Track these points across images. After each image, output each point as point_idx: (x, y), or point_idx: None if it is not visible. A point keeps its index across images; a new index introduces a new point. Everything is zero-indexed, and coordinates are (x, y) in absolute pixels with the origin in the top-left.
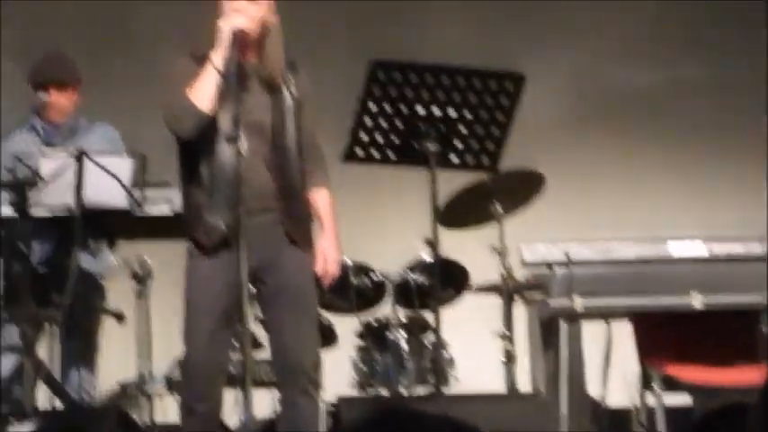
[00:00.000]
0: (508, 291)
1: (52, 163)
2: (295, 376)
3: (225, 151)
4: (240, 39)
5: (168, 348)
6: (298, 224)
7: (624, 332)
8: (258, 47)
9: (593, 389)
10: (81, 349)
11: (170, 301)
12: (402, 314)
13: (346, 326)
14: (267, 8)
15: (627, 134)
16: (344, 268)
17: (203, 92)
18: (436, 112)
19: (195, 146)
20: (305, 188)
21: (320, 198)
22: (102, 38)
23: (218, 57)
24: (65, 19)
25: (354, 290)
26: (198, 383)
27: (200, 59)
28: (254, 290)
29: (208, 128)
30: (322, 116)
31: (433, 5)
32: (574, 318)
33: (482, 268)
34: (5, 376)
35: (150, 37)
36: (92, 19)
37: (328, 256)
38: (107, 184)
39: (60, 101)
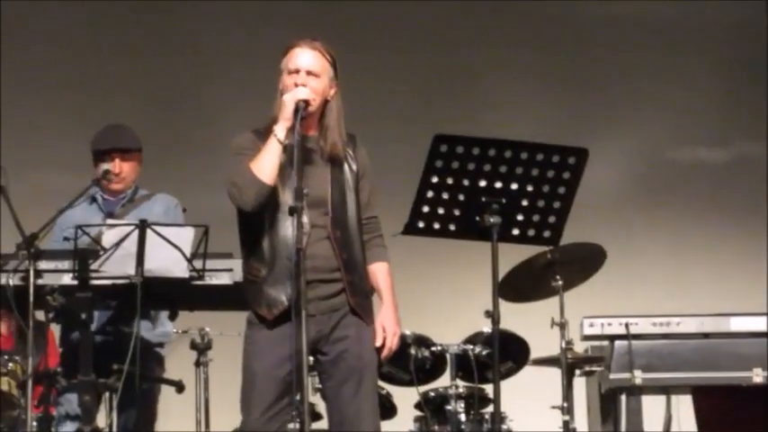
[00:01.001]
0: (568, 364)
1: (114, 232)
2: None
3: (286, 224)
4: (303, 111)
5: (227, 418)
6: (358, 296)
7: (685, 406)
8: (319, 121)
9: None
10: (139, 418)
11: (229, 370)
12: (461, 386)
13: (405, 397)
14: (328, 82)
15: (690, 210)
16: (404, 340)
17: (266, 164)
18: (498, 185)
19: (257, 219)
20: (365, 261)
21: (379, 271)
22: (169, 108)
23: (282, 129)
24: (131, 90)
25: (414, 361)
26: None
27: (262, 134)
28: (313, 360)
29: (269, 201)
30: (384, 189)
31: (501, 81)
32: (633, 391)
33: (542, 341)
34: None
35: (216, 108)
36: (158, 91)
37: (388, 330)
38: (168, 254)
39: (123, 169)
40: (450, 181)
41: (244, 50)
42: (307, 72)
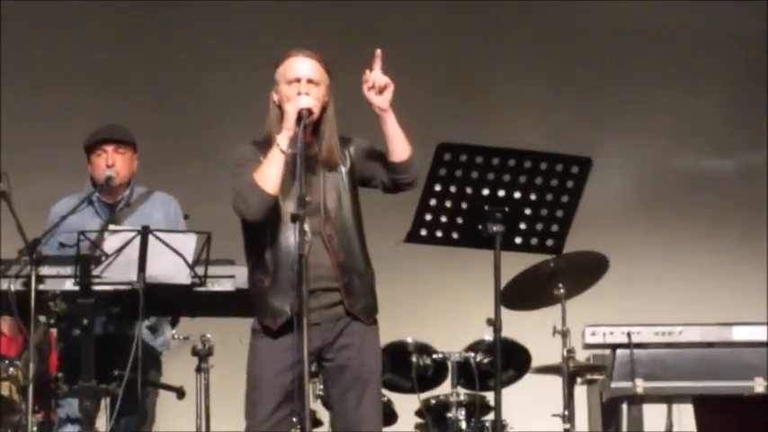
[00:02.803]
0: (569, 372)
1: (116, 238)
2: None
3: (288, 234)
4: (305, 120)
5: (227, 424)
6: (357, 298)
7: (686, 415)
8: (315, 128)
9: None
10: (138, 423)
11: (230, 377)
12: (462, 394)
13: (406, 404)
14: (325, 90)
15: (693, 220)
16: (406, 347)
17: (270, 175)
18: (501, 193)
19: (260, 230)
20: (365, 260)
21: None
22: (171, 115)
23: (285, 139)
24: (133, 96)
25: (415, 369)
26: None
27: (262, 145)
28: (317, 367)
29: (272, 211)
30: (387, 197)
31: (504, 90)
32: (635, 400)
33: (544, 349)
34: None
35: (217, 115)
36: (161, 97)
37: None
38: (170, 261)
39: (116, 162)
40: (453, 189)
41: (247, 55)
42: (307, 80)
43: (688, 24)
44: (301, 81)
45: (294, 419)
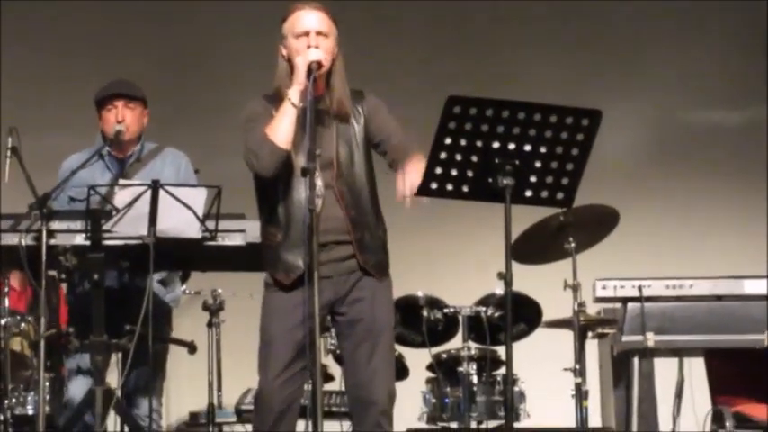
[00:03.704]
0: (580, 326)
1: (126, 193)
2: (368, 409)
3: (300, 188)
4: (315, 73)
5: (238, 379)
6: (370, 253)
7: (697, 368)
8: (326, 81)
9: (664, 425)
10: (150, 377)
11: (241, 332)
12: (473, 348)
13: (417, 359)
14: (334, 42)
15: (702, 173)
16: (417, 301)
17: (282, 129)
18: (511, 146)
19: (272, 185)
20: (377, 216)
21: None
22: (181, 71)
23: (296, 93)
24: (143, 53)
25: (426, 323)
26: (272, 414)
27: (273, 99)
28: (330, 320)
29: (284, 165)
30: None
31: (517, 45)
32: (646, 354)
33: (555, 303)
34: (76, 400)
35: (226, 71)
36: (170, 53)
37: (408, 174)
38: (181, 215)
39: (126, 117)
40: (463, 142)
41: (254, 15)
42: (316, 33)
43: None
44: (310, 34)
45: (307, 373)
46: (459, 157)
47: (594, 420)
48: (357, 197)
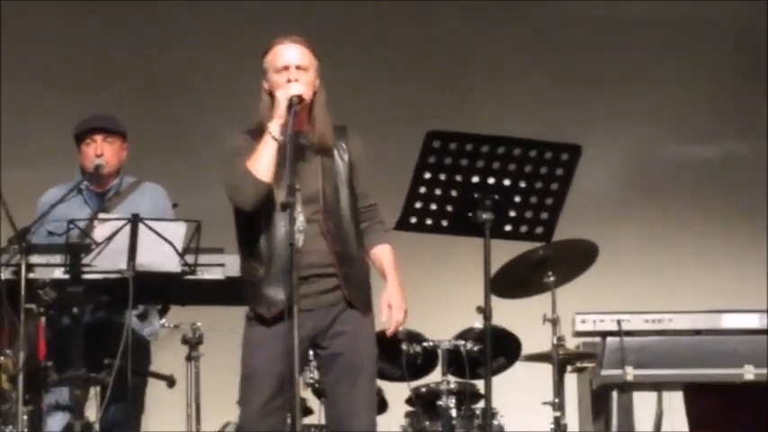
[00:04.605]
0: (559, 360)
1: (106, 227)
2: None
3: (281, 223)
4: (296, 107)
5: (217, 412)
6: (355, 288)
7: (676, 402)
8: (308, 114)
9: None
10: (128, 411)
11: (220, 365)
12: (453, 382)
13: (396, 393)
14: (314, 75)
15: (681, 207)
16: (396, 335)
17: (263, 162)
18: (491, 181)
19: (253, 219)
20: (361, 251)
21: (382, 252)
22: (161, 105)
23: (276, 127)
24: (123, 85)
25: (405, 357)
26: None
27: (255, 134)
28: (312, 354)
29: (265, 199)
30: (376, 184)
31: (494, 78)
32: (625, 388)
33: (534, 337)
34: None
35: (208, 105)
36: (150, 87)
37: (394, 304)
38: (160, 249)
39: (105, 151)
40: (442, 177)
41: (237, 47)
42: (296, 67)
43: (672, 12)
44: (290, 68)
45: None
46: (438, 192)
47: None
48: (343, 232)
